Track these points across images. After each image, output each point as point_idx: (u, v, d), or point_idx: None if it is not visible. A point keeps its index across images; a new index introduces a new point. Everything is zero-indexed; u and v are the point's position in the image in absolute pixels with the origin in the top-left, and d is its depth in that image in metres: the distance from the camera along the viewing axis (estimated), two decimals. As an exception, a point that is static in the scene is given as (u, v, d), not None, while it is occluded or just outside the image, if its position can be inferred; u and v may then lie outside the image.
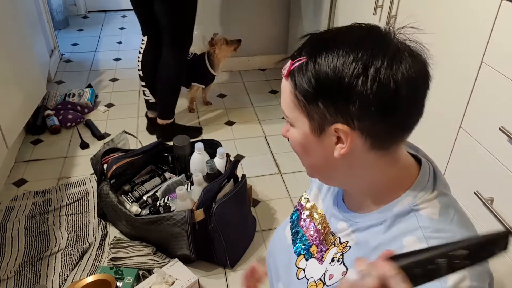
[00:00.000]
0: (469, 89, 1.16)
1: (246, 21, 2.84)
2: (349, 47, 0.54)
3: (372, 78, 0.52)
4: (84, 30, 3.70)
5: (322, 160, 0.62)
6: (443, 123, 1.27)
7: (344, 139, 0.57)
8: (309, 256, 0.73)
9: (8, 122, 1.92)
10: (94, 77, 2.90)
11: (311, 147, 0.61)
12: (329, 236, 0.70)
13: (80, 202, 1.84)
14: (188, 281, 1.40)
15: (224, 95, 2.73)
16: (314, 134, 0.59)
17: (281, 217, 1.78)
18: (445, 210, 0.59)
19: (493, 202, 1.10)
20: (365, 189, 0.64)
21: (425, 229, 0.57)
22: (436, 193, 0.61)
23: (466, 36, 1.17)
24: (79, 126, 2.37)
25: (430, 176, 0.63)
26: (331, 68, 0.54)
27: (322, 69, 0.54)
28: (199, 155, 1.64)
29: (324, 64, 0.54)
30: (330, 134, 0.57)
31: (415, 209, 0.59)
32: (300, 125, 0.60)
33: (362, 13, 1.73)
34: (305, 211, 0.79)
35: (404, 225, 0.59)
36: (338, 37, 0.57)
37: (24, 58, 2.22)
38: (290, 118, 0.61)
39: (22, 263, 1.54)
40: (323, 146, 0.59)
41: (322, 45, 0.56)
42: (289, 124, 0.62)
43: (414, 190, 0.61)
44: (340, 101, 0.54)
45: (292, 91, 0.59)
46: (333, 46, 0.55)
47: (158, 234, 1.51)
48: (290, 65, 0.59)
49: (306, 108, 0.57)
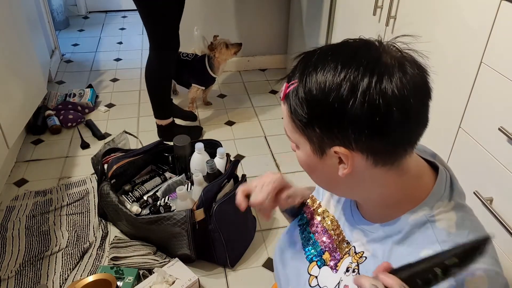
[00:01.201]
0: (469, 89, 1.17)
1: (246, 21, 2.84)
2: (337, 67, 0.53)
3: (361, 100, 0.51)
4: (85, 30, 3.70)
5: (328, 178, 0.62)
6: (442, 123, 1.27)
7: (345, 160, 0.56)
8: (322, 263, 0.72)
9: (9, 122, 1.92)
10: (94, 77, 2.91)
11: (316, 166, 0.61)
12: (343, 244, 0.69)
13: (80, 202, 1.84)
14: (189, 280, 1.41)
15: (224, 95, 2.74)
16: (316, 155, 0.59)
17: (281, 217, 1.78)
18: (461, 222, 0.58)
19: (493, 202, 1.10)
20: (377, 201, 0.63)
21: (443, 243, 0.56)
22: (453, 204, 0.59)
23: (465, 36, 1.17)
24: (80, 126, 2.38)
25: (447, 185, 0.61)
26: (321, 92, 0.53)
27: (313, 94, 0.53)
28: (199, 155, 1.64)
29: (314, 88, 0.53)
30: (331, 155, 0.57)
31: (431, 220, 0.58)
32: (303, 146, 0.60)
33: (362, 13, 1.73)
34: (316, 216, 0.77)
35: (420, 237, 0.58)
36: (327, 57, 0.55)
37: (25, 58, 2.22)
38: (292, 139, 0.61)
39: (22, 262, 1.54)
40: (327, 166, 0.59)
41: (311, 67, 0.55)
42: (294, 144, 0.62)
43: (430, 200, 0.59)
44: (334, 125, 0.54)
45: (289, 115, 0.58)
46: (322, 67, 0.54)
47: (158, 234, 1.51)
48: (285, 88, 0.58)
49: (304, 131, 0.57)
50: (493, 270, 0.55)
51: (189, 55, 2.41)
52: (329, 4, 2.11)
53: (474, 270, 0.53)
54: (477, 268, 0.53)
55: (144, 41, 3.40)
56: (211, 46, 2.33)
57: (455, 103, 1.22)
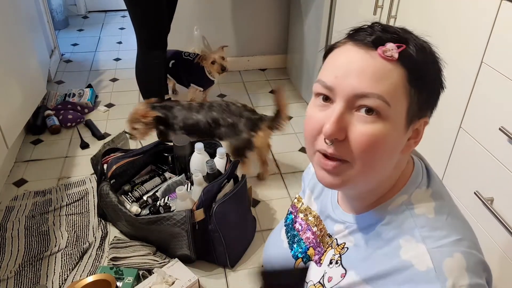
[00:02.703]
0: (469, 89, 1.16)
1: (246, 21, 2.84)
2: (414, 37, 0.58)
3: (440, 63, 0.59)
4: (84, 30, 3.70)
5: (391, 158, 0.57)
6: (443, 123, 1.27)
7: (422, 132, 0.59)
8: (307, 259, 0.73)
9: (8, 122, 1.92)
10: (94, 77, 2.90)
11: (396, 144, 0.56)
12: (325, 238, 0.70)
13: (80, 202, 1.84)
14: (188, 281, 1.41)
15: (224, 95, 2.73)
16: (404, 128, 0.55)
17: (281, 217, 1.78)
18: (439, 208, 0.59)
19: (493, 202, 1.10)
20: (370, 190, 0.63)
21: (422, 228, 0.57)
22: (430, 191, 0.60)
23: (466, 36, 1.17)
24: (79, 126, 2.38)
25: (423, 174, 0.62)
26: (430, 58, 0.58)
27: (428, 59, 0.57)
28: (199, 155, 1.64)
29: (424, 47, 0.57)
30: (414, 127, 0.58)
31: (409, 208, 0.59)
32: (394, 119, 0.53)
33: (362, 13, 1.73)
34: (299, 213, 0.79)
35: (399, 224, 0.59)
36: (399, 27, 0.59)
37: (24, 58, 2.22)
38: (383, 110, 0.52)
39: (22, 263, 1.54)
40: (402, 143, 0.57)
41: (406, 35, 0.57)
42: (374, 117, 0.53)
43: (408, 188, 0.60)
44: (436, 91, 0.58)
45: (401, 80, 0.53)
46: (408, 31, 0.58)
47: (158, 234, 1.51)
48: (396, 48, 0.53)
49: (411, 94, 0.54)
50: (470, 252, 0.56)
51: (191, 55, 2.40)
52: (329, 4, 2.11)
53: (452, 251, 0.54)
54: (455, 250, 0.54)
55: (143, 41, 3.40)
56: (203, 56, 2.31)
57: (456, 103, 1.22)
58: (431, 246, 0.55)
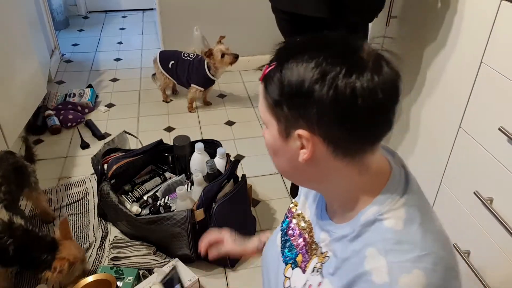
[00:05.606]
0: (469, 89, 1.17)
1: (246, 21, 2.84)
2: (312, 54, 0.55)
3: (329, 85, 0.52)
4: (85, 30, 3.70)
5: (288, 163, 0.63)
6: (442, 123, 1.27)
7: (306, 144, 0.57)
8: (295, 265, 0.73)
9: (8, 122, 1.92)
10: (94, 77, 2.91)
11: (279, 149, 0.62)
12: (313, 246, 0.70)
13: (80, 202, 1.84)
14: (188, 280, 1.41)
15: (224, 95, 2.74)
16: (281, 137, 0.60)
17: (281, 217, 1.78)
18: (410, 220, 0.57)
19: (493, 202, 1.10)
20: (336, 197, 0.64)
21: (387, 241, 0.56)
22: (403, 201, 0.59)
23: (465, 36, 1.18)
24: (80, 126, 2.38)
25: (400, 183, 0.61)
26: (294, 73, 0.55)
27: (287, 75, 0.56)
28: (199, 155, 1.64)
29: (289, 69, 0.56)
30: (295, 138, 0.58)
31: (379, 219, 0.58)
32: (271, 127, 0.61)
33: (362, 13, 1.73)
34: (293, 219, 0.79)
35: (369, 236, 0.58)
36: (306, 43, 0.58)
37: (25, 58, 2.22)
38: (263, 119, 0.63)
39: (22, 263, 1.54)
40: (289, 150, 0.60)
41: (290, 52, 0.58)
42: (265, 125, 0.64)
43: (380, 199, 0.59)
44: (301, 106, 0.55)
45: (263, 94, 0.60)
46: (299, 53, 0.56)
47: (158, 234, 1.51)
48: (265, 69, 0.60)
49: (274, 111, 0.59)
50: (432, 269, 0.54)
51: (190, 55, 2.41)
52: (329, 4, 2.10)
53: (412, 267, 0.53)
54: (416, 266, 0.53)
55: (144, 41, 3.41)
56: (208, 52, 2.31)
57: (455, 103, 1.22)
58: (391, 260, 0.54)
